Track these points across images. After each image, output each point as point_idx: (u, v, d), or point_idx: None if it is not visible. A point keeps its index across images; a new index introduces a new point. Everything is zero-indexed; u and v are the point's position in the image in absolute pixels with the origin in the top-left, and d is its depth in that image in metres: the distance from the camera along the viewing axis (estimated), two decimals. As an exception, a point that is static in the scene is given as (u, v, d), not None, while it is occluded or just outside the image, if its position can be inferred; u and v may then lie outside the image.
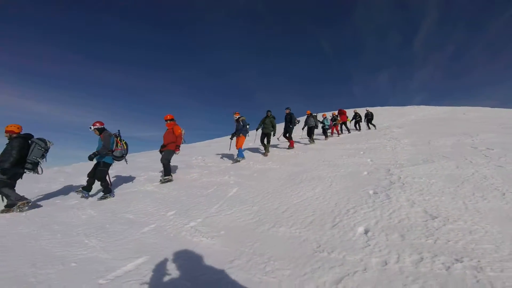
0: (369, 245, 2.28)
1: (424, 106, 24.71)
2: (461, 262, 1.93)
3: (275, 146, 9.84)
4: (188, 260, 2.39)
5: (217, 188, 4.85)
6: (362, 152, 6.80)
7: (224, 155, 8.77)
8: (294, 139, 9.70)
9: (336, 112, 13.23)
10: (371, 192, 3.65)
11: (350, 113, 14.94)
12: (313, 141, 10.06)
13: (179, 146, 5.74)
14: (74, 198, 4.78)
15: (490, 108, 18.93)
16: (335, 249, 2.29)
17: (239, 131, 7.61)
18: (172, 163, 6.05)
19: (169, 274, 2.18)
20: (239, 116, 7.87)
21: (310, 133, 10.21)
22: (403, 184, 3.79)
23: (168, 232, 3.09)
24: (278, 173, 5.58)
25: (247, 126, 7.84)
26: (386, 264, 2.00)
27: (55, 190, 5.40)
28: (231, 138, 7.92)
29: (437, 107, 22.98)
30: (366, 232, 2.54)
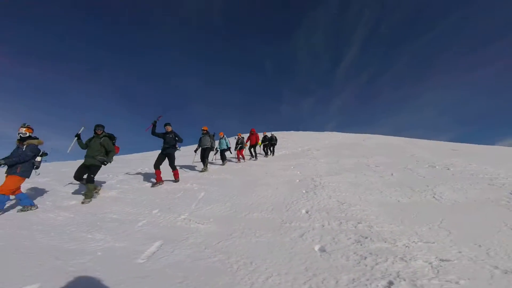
0: (311, 218, 3.79)
1: (335, 132, 28.44)
2: (361, 223, 3.48)
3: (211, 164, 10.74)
4: (197, 238, 3.22)
5: (184, 193, 5.59)
6: (292, 167, 8.75)
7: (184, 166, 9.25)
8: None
9: (241, 134, 11.49)
10: (304, 191, 5.35)
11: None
12: (206, 168, 8.03)
13: None
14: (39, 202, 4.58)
15: (383, 136, 23.20)
16: (293, 221, 3.70)
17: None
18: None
19: (189, 248, 2.89)
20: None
21: (203, 157, 8.16)
22: (323, 186, 5.66)
23: (164, 224, 3.75)
24: (234, 182, 6.72)
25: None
26: (323, 226, 3.47)
27: None
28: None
29: (345, 133, 26.69)
30: (307, 212, 4.07)
